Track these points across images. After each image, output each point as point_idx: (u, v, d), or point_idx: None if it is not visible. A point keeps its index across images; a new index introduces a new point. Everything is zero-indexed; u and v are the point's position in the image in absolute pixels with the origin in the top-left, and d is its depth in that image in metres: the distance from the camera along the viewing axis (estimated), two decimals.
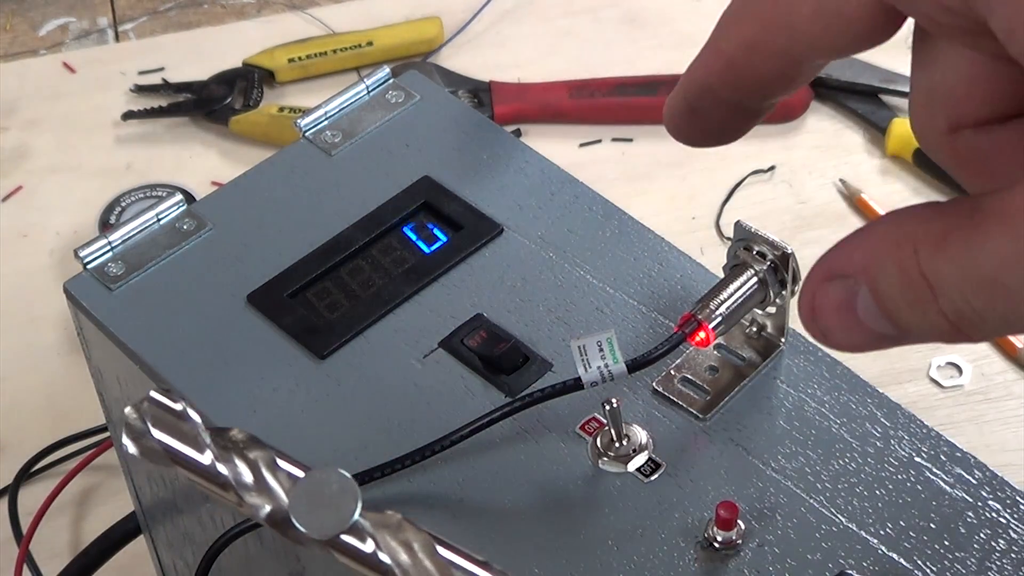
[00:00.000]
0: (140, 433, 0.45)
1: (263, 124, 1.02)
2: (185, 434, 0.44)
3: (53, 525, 0.81)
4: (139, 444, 0.45)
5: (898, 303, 0.28)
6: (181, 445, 0.44)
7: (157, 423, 0.45)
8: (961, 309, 0.27)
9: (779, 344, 0.58)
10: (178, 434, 0.44)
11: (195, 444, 0.44)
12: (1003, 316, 0.27)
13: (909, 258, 0.28)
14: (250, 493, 0.43)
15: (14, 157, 1.04)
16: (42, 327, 0.92)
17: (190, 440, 0.44)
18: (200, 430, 0.44)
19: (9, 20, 1.16)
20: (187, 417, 0.45)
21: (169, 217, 0.64)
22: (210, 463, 0.44)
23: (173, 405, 0.45)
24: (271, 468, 0.43)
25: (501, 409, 0.55)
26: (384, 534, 0.42)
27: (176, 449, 0.44)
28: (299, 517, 0.42)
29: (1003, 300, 0.27)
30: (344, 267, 0.62)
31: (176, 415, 0.45)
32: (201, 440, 0.44)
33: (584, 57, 1.07)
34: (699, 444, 0.55)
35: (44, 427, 0.86)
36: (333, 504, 0.42)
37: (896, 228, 0.28)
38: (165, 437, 0.45)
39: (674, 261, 0.62)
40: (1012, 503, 0.53)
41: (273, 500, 0.43)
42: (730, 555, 0.52)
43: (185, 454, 0.44)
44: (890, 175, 0.98)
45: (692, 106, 0.33)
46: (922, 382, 0.86)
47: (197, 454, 0.44)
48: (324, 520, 0.42)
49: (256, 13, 1.16)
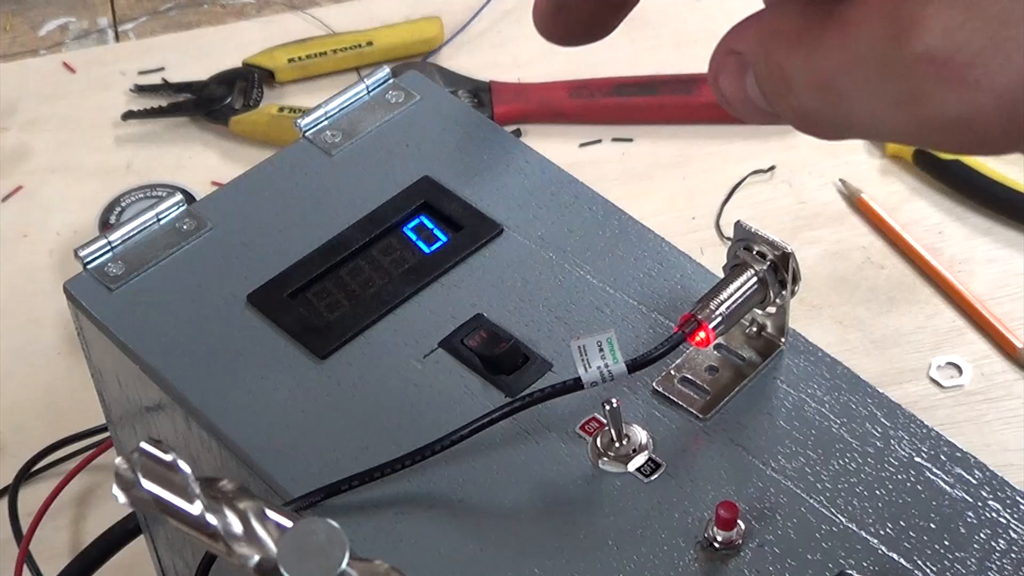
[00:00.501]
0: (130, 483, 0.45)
1: (263, 124, 1.02)
2: (175, 485, 0.45)
3: (53, 525, 0.81)
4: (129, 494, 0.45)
5: (764, 89, 0.30)
6: (171, 496, 0.45)
7: (147, 474, 0.45)
8: (805, 106, 0.29)
9: (779, 344, 0.58)
10: (168, 485, 0.45)
11: (185, 495, 0.45)
12: (837, 119, 0.29)
13: (773, 51, 0.30)
14: (239, 543, 0.44)
15: (14, 157, 1.04)
16: (42, 327, 0.92)
17: (180, 491, 0.45)
18: (190, 481, 0.45)
19: (9, 20, 1.16)
20: (177, 468, 0.45)
21: (169, 217, 0.64)
22: (200, 513, 0.44)
23: (163, 456, 0.45)
24: (260, 518, 0.44)
25: (501, 409, 0.55)
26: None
27: (166, 500, 0.45)
28: (288, 567, 0.42)
29: (836, 103, 0.29)
30: (344, 267, 0.62)
31: (166, 466, 0.45)
32: (191, 491, 0.44)
33: (584, 57, 1.07)
34: (699, 444, 0.55)
35: (44, 427, 0.86)
36: (321, 553, 0.42)
37: (773, 19, 0.30)
38: (155, 488, 0.45)
39: (674, 261, 0.62)
40: (1012, 503, 0.53)
41: (262, 550, 0.43)
42: (730, 555, 0.52)
43: (175, 505, 0.45)
44: (890, 175, 0.98)
45: (558, 2, 0.33)
46: (922, 382, 0.86)
47: (187, 505, 0.44)
48: (312, 569, 0.42)
49: (256, 13, 1.16)
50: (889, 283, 0.91)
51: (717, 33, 0.34)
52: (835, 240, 0.94)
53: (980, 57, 0.26)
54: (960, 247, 0.93)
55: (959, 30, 0.26)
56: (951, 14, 0.26)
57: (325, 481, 0.54)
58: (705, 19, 1.09)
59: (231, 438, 0.56)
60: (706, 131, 1.02)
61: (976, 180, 0.95)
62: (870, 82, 0.28)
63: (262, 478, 0.55)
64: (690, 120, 1.02)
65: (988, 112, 0.27)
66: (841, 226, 0.95)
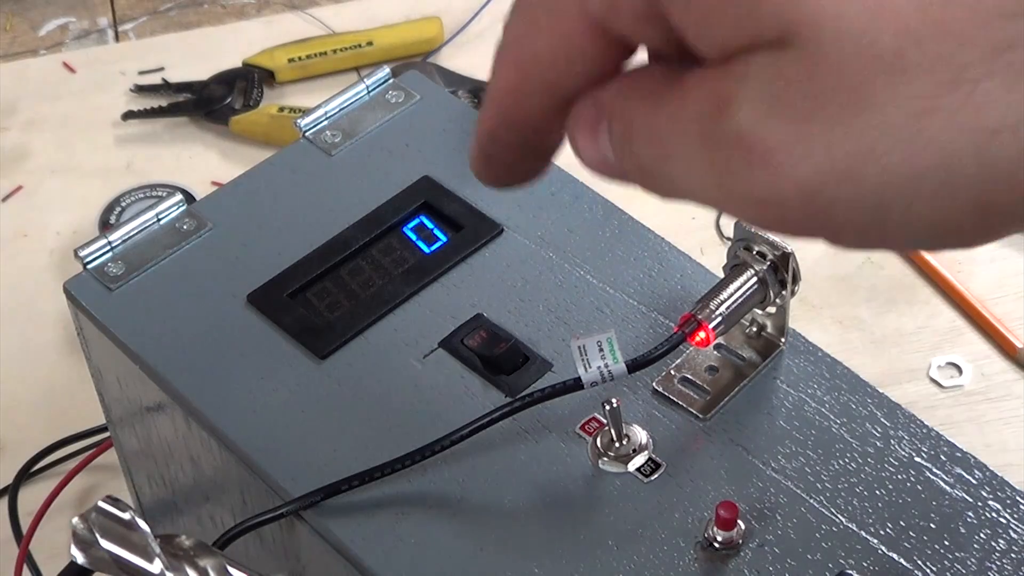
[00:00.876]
0: (89, 543, 0.45)
1: (263, 124, 1.02)
2: (134, 544, 0.45)
3: (53, 525, 0.81)
4: (88, 555, 0.45)
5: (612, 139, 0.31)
6: (130, 555, 0.45)
7: (105, 533, 0.45)
8: (642, 160, 0.31)
9: (779, 344, 0.58)
10: (127, 544, 0.45)
11: (144, 554, 0.45)
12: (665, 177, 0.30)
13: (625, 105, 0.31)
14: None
15: (14, 157, 1.04)
16: (42, 327, 0.92)
17: (139, 550, 0.45)
18: (149, 540, 0.45)
19: (9, 20, 1.16)
20: (135, 527, 0.45)
21: (169, 217, 0.64)
22: (159, 572, 0.44)
23: (121, 515, 0.45)
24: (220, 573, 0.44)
25: (501, 409, 0.55)
26: None
27: (125, 559, 0.45)
28: None
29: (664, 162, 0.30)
30: (344, 267, 0.62)
31: (125, 524, 0.45)
32: (150, 549, 0.45)
33: None
34: (699, 444, 0.55)
35: (44, 427, 0.86)
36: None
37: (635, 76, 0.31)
38: (114, 547, 0.45)
39: (674, 261, 0.62)
40: (1012, 503, 0.53)
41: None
42: (730, 555, 0.52)
43: (135, 564, 0.45)
44: None
45: (486, 152, 0.35)
46: (922, 382, 0.86)
47: (147, 564, 0.45)
48: None
49: (256, 13, 1.16)
50: (889, 283, 0.91)
51: None
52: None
53: (784, 145, 0.27)
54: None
55: (767, 117, 0.27)
56: (760, 100, 0.27)
57: (325, 481, 0.54)
58: None
59: (231, 438, 0.56)
60: None
61: None
62: (691, 148, 0.29)
63: (262, 478, 0.55)
64: None
65: (789, 198, 0.28)
66: None
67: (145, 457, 0.67)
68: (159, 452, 0.64)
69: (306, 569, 0.57)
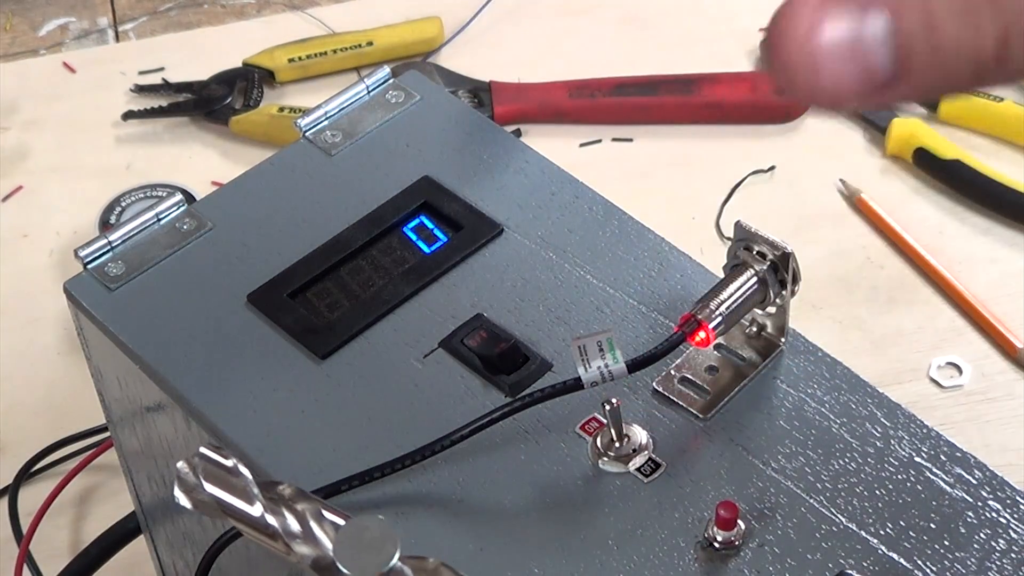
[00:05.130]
0: (192, 487, 0.47)
1: (263, 124, 1.02)
2: (236, 488, 0.47)
3: (53, 525, 0.81)
4: (191, 497, 0.47)
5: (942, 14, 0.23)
6: (232, 498, 0.47)
7: (209, 477, 0.47)
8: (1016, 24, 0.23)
9: (779, 344, 0.58)
10: (229, 488, 0.47)
11: (246, 497, 0.47)
12: None
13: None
14: (297, 542, 0.46)
15: (14, 157, 1.04)
16: (42, 327, 0.92)
17: (241, 493, 0.47)
18: (250, 484, 0.47)
19: (9, 20, 1.16)
20: (237, 472, 0.47)
21: (169, 217, 0.64)
22: (260, 515, 0.46)
23: (224, 461, 0.47)
24: (317, 518, 0.46)
25: (501, 409, 0.55)
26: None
27: (228, 502, 0.47)
28: (343, 562, 0.45)
29: None
30: (344, 267, 0.62)
31: (227, 470, 0.47)
32: (251, 493, 0.47)
33: (584, 57, 1.07)
34: (699, 444, 0.55)
35: (44, 427, 0.86)
36: (374, 548, 0.45)
37: None
38: (217, 491, 0.47)
39: (674, 261, 0.62)
40: (1012, 503, 0.53)
41: (319, 548, 0.46)
42: (730, 555, 0.52)
43: (237, 507, 0.47)
44: (890, 175, 0.98)
45: None
46: (922, 382, 0.86)
47: (248, 506, 0.47)
48: (366, 563, 0.44)
49: (256, 13, 1.16)
50: (889, 283, 0.91)
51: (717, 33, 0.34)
52: (835, 240, 0.94)
53: None
54: (960, 247, 0.93)
55: None
56: None
57: (325, 481, 0.54)
58: (705, 19, 1.09)
59: (231, 438, 0.56)
60: (706, 131, 1.02)
61: (976, 180, 0.95)
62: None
63: (262, 478, 0.55)
64: (690, 120, 1.02)
65: None
66: (841, 226, 0.95)
67: (145, 457, 0.67)
68: (159, 452, 0.64)
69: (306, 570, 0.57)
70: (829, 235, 0.94)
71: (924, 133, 0.97)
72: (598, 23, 1.11)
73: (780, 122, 1.02)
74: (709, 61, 1.05)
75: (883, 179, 0.98)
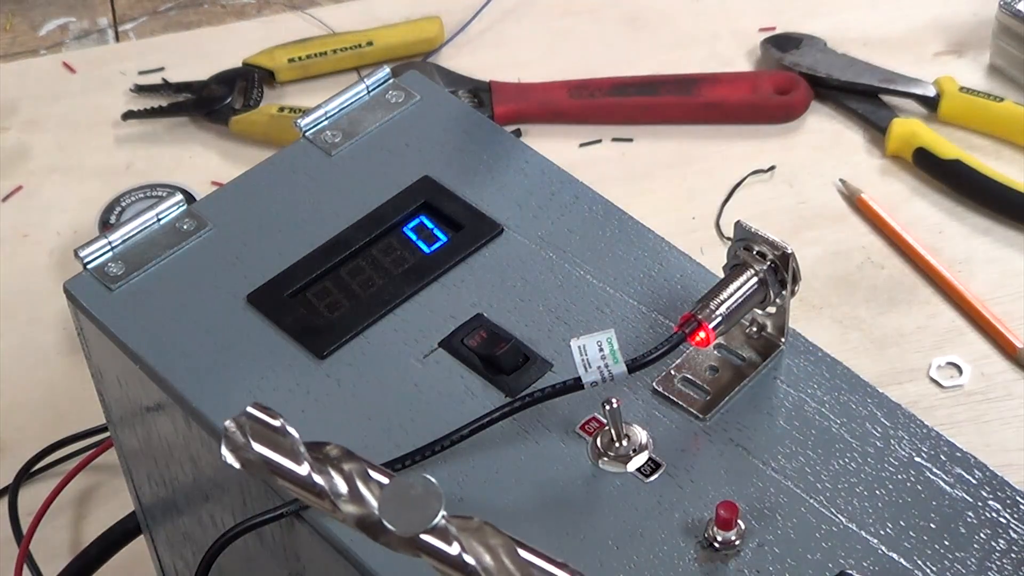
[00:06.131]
0: (240, 446, 0.48)
1: (263, 124, 1.02)
2: (283, 447, 0.47)
3: (53, 525, 0.81)
4: (239, 456, 0.48)
5: None
6: (280, 457, 0.47)
7: (257, 436, 0.47)
8: None
9: (779, 344, 0.58)
10: (277, 447, 0.47)
11: (293, 456, 0.47)
12: None
13: None
14: (344, 501, 0.46)
15: (14, 157, 1.04)
16: (42, 327, 0.92)
17: (288, 453, 0.47)
18: (298, 444, 0.47)
19: (9, 20, 1.16)
20: (285, 432, 0.47)
21: (169, 217, 0.64)
22: (307, 474, 0.47)
23: (271, 421, 0.48)
24: (363, 478, 0.46)
25: (501, 409, 0.55)
26: (468, 537, 0.44)
27: (275, 461, 0.47)
28: (389, 518, 0.45)
29: None
30: (344, 267, 0.62)
31: (274, 430, 0.47)
32: (299, 453, 0.47)
33: (584, 57, 1.07)
34: (699, 444, 0.55)
35: (44, 427, 0.86)
36: (419, 505, 0.45)
37: None
38: (265, 450, 0.47)
39: (674, 261, 0.62)
40: (1012, 503, 0.53)
41: (364, 506, 0.46)
42: (730, 555, 0.52)
43: (284, 466, 0.47)
44: (890, 175, 0.98)
45: None
46: (922, 382, 0.86)
47: (295, 466, 0.47)
48: (411, 519, 0.44)
49: (256, 13, 1.16)
50: (889, 283, 0.91)
51: (717, 33, 0.34)
52: (835, 240, 0.94)
53: None
54: (960, 247, 0.93)
55: None
56: None
57: None
58: (705, 19, 1.09)
59: None
60: (706, 131, 1.02)
61: (976, 180, 0.95)
62: None
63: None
64: (690, 120, 1.02)
65: None
66: (841, 226, 0.95)
67: (145, 457, 0.67)
68: (159, 452, 0.64)
69: (306, 569, 0.57)
70: (829, 235, 0.94)
71: (924, 133, 0.97)
72: (598, 23, 1.11)
73: (780, 122, 1.02)
74: (709, 61, 1.05)
75: (883, 179, 0.98)
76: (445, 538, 0.44)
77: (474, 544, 0.44)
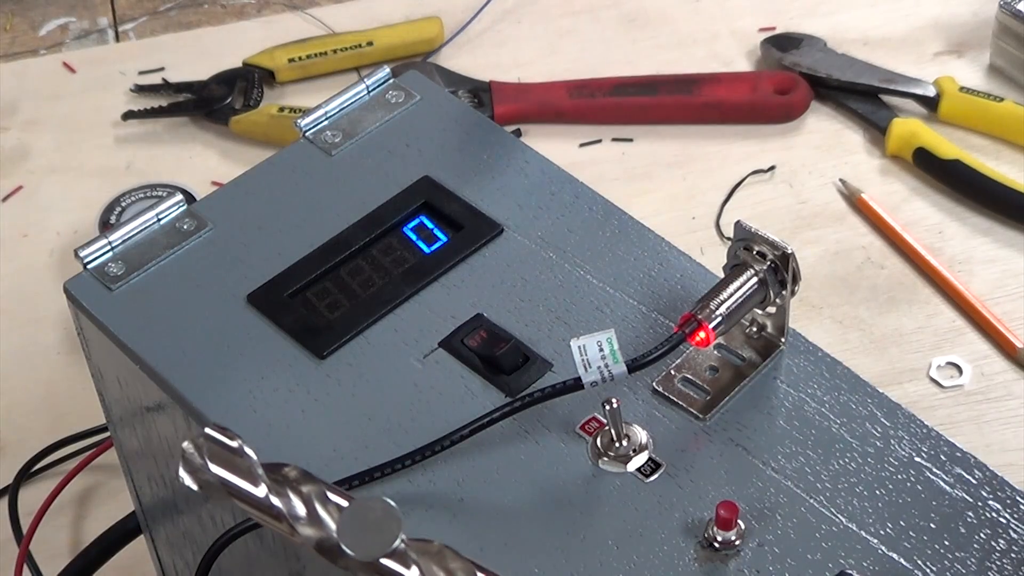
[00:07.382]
0: (197, 467, 0.47)
1: (263, 124, 1.02)
2: (241, 469, 0.47)
3: (53, 525, 0.81)
4: (196, 477, 0.47)
5: None
6: (237, 479, 0.47)
7: (214, 458, 0.47)
8: None
9: (779, 344, 0.58)
10: (234, 469, 0.47)
11: (251, 478, 0.47)
12: None
13: None
14: (301, 523, 0.46)
15: (14, 157, 1.04)
16: (42, 327, 0.92)
17: (245, 474, 0.47)
18: (255, 465, 0.47)
19: (9, 20, 1.16)
20: (243, 453, 0.47)
21: (169, 217, 0.64)
22: (264, 496, 0.46)
23: (229, 442, 0.47)
24: (322, 500, 0.46)
25: (501, 409, 0.55)
26: (427, 561, 0.44)
27: (233, 483, 0.47)
28: (347, 541, 0.45)
29: None
30: (344, 267, 0.62)
31: (232, 451, 0.47)
32: (256, 474, 0.47)
33: (584, 57, 1.07)
34: (699, 444, 0.55)
35: (44, 427, 0.86)
36: (378, 528, 0.44)
37: None
38: (222, 471, 0.47)
39: (674, 261, 0.62)
40: (1012, 503, 0.53)
41: (323, 529, 0.45)
42: (730, 555, 0.52)
43: (241, 487, 0.47)
44: (890, 175, 0.98)
45: None
46: (922, 382, 0.86)
47: (252, 487, 0.47)
48: (370, 543, 0.44)
49: (256, 13, 1.16)
50: (889, 283, 0.91)
51: (717, 33, 0.34)
52: (835, 240, 0.94)
53: None
54: (960, 247, 0.93)
55: None
56: None
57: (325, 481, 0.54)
58: (705, 19, 1.09)
59: None
60: (706, 131, 1.02)
61: (976, 180, 0.95)
62: None
63: None
64: (690, 120, 1.02)
65: None
66: (841, 226, 0.95)
67: (145, 457, 0.67)
68: (159, 452, 0.64)
69: (306, 569, 0.57)
70: (829, 235, 0.94)
71: (924, 133, 0.97)
72: (598, 23, 1.11)
73: (780, 122, 1.02)
74: (709, 61, 1.05)
75: (883, 179, 0.98)
76: (404, 562, 0.44)
77: (433, 568, 0.44)
